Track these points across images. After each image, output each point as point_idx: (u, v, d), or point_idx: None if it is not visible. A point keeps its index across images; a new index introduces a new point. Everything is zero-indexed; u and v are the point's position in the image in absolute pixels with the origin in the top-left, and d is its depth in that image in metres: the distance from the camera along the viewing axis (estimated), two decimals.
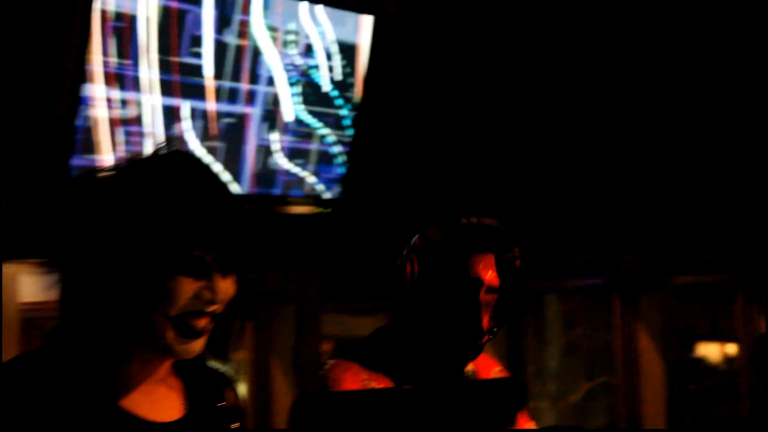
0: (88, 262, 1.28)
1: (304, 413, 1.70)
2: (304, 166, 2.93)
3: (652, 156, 3.91)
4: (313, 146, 2.95)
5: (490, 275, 1.90)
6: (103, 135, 2.38)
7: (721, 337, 5.25)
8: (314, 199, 2.97)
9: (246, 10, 2.64)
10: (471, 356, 1.95)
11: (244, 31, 2.66)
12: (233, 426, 1.44)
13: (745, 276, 4.75)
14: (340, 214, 3.00)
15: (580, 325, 4.84)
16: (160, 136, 2.47)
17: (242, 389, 3.22)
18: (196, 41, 2.56)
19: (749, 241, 4.43)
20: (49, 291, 1.32)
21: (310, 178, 2.97)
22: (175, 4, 2.50)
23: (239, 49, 2.67)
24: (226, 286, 1.31)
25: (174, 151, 1.37)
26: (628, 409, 4.35)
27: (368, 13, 2.83)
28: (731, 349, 5.17)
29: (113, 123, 2.40)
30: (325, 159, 2.98)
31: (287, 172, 2.90)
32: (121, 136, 2.44)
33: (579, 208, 3.78)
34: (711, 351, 5.40)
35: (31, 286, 2.49)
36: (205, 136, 2.64)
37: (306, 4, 2.76)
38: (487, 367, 2.05)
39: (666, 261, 4.20)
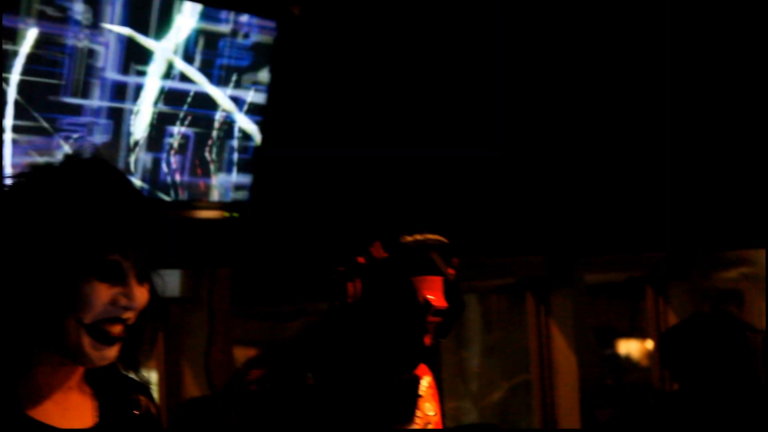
0: None
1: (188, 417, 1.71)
2: (210, 172, 2.94)
3: (559, 157, 3.99)
4: (220, 151, 2.95)
5: (438, 299, 1.89)
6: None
7: (638, 334, 5.37)
8: (222, 204, 2.97)
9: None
10: (409, 370, 1.95)
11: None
12: None
13: (652, 273, 4.88)
14: (248, 219, 3.00)
15: (498, 325, 4.92)
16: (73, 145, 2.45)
17: (155, 395, 3.20)
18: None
19: (656, 239, 4.55)
20: None
21: (218, 184, 2.97)
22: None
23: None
24: (141, 293, 1.31)
25: (88, 158, 1.36)
26: (544, 406, 4.43)
27: (272, 17, 2.85)
28: (647, 345, 5.30)
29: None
30: (231, 165, 2.99)
31: (194, 178, 2.90)
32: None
33: (489, 209, 3.83)
34: (628, 347, 5.52)
35: None
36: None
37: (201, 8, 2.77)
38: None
39: (576, 259, 4.28)
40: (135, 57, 2.66)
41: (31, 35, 2.41)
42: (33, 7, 2.39)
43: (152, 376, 3.18)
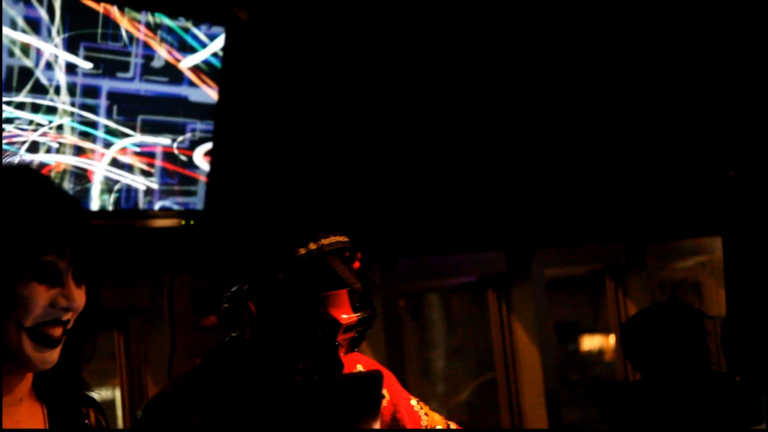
0: None
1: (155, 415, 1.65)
2: (164, 179, 2.92)
3: (517, 151, 4.02)
4: (172, 160, 2.94)
5: (347, 316, 1.70)
6: None
7: (600, 327, 5.42)
8: (178, 212, 2.96)
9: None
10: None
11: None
12: None
13: (611, 266, 4.92)
14: (204, 226, 2.99)
15: (462, 323, 4.93)
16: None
17: (114, 407, 3.18)
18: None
19: (614, 231, 4.60)
20: None
21: (172, 192, 2.96)
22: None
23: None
24: (79, 294, 1.32)
25: (15, 165, 1.37)
26: (510, 404, 4.44)
27: (220, 24, 2.84)
28: (610, 338, 5.34)
29: None
30: (185, 169, 2.98)
31: (148, 187, 2.89)
32: None
33: (449, 207, 3.85)
34: (592, 342, 5.56)
35: None
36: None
37: (155, 17, 2.76)
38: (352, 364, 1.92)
39: (535, 254, 4.31)
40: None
41: None
42: None
43: (115, 388, 3.16)
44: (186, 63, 2.87)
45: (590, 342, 5.52)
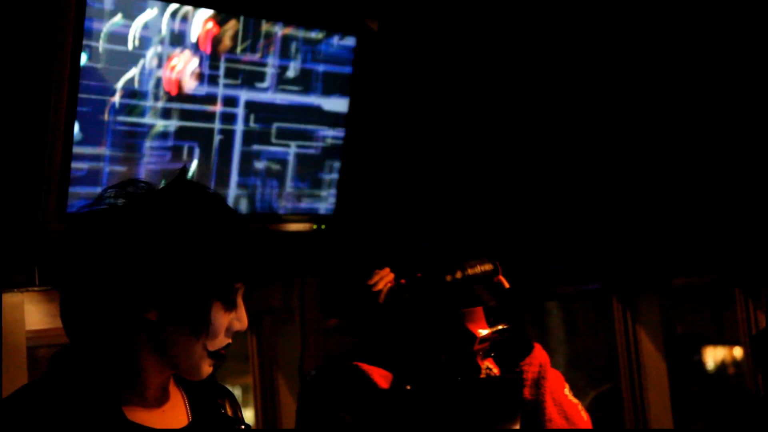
0: (79, 295, 1.29)
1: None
2: (296, 183, 3.01)
3: (642, 159, 3.95)
4: (305, 163, 3.03)
5: (481, 330, 1.94)
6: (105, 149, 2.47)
7: (729, 340, 5.25)
8: (309, 216, 3.03)
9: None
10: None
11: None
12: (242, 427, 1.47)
13: (743, 275, 4.76)
14: (335, 230, 3.05)
15: (583, 331, 4.86)
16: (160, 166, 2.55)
17: (249, 407, 3.27)
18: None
19: (746, 240, 4.45)
20: (56, 318, 1.34)
21: (304, 195, 3.04)
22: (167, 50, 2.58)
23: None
24: (247, 315, 1.36)
25: (186, 183, 1.39)
26: (634, 414, 4.35)
27: (351, 33, 2.91)
28: (737, 351, 5.17)
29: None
30: (316, 175, 3.06)
31: (280, 190, 2.97)
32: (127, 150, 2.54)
33: (573, 214, 3.82)
34: (718, 354, 5.39)
35: (35, 314, 2.53)
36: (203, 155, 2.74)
37: (290, 29, 2.84)
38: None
39: (663, 262, 4.22)
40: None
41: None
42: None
43: (247, 388, 3.25)
44: (318, 72, 2.95)
45: (721, 355, 5.36)
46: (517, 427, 1.90)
